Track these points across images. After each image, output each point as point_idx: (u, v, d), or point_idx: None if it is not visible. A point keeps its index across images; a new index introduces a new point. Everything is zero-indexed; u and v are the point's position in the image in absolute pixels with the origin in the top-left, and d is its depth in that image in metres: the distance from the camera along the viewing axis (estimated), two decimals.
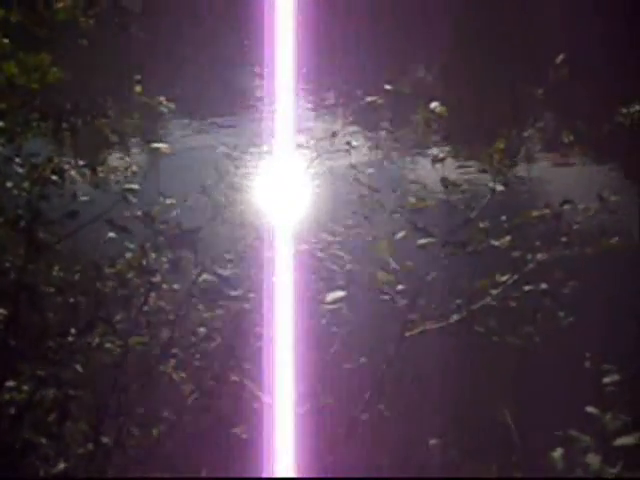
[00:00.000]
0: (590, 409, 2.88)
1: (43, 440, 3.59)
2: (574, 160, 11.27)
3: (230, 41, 17.75)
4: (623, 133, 4.40)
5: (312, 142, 4.86)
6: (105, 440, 3.79)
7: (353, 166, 4.78)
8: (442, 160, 4.20)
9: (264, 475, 3.49)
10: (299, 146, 4.64)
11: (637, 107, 4.44)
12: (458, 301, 4.06)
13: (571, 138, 4.28)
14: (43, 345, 3.76)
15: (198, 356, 3.95)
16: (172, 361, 3.94)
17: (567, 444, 2.81)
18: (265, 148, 4.79)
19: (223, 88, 14.98)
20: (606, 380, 3.22)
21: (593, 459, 2.73)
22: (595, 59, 14.20)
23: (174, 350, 3.93)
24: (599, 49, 15.32)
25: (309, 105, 13.18)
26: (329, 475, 3.89)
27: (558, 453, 2.79)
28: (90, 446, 3.76)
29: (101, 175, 4.16)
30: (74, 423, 3.77)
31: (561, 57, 4.15)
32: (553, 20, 17.94)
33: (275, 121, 4.18)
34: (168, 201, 4.09)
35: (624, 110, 4.38)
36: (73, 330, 3.79)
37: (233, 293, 3.90)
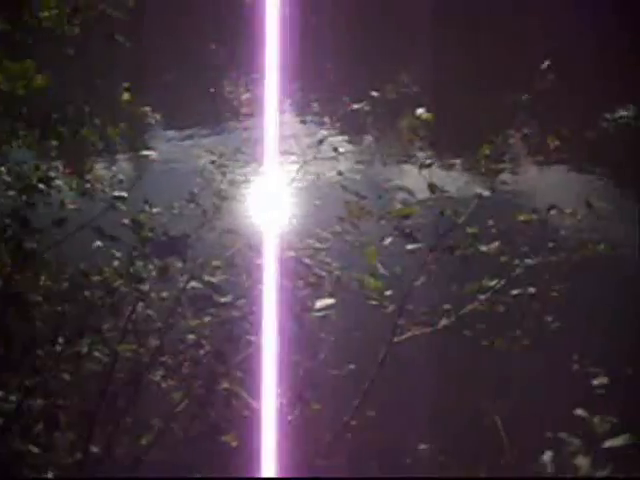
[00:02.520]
0: (579, 411, 2.89)
1: (32, 450, 3.57)
2: (560, 166, 11.32)
3: (216, 49, 17.74)
4: (608, 139, 4.43)
5: (299, 149, 4.87)
6: (94, 449, 3.78)
7: (340, 173, 4.79)
8: (429, 166, 4.21)
9: None
10: (286, 153, 4.65)
11: (621, 113, 4.46)
12: (446, 306, 4.07)
13: (556, 143, 4.30)
14: (31, 354, 3.74)
15: (187, 364, 3.93)
16: (161, 369, 3.93)
17: (556, 447, 2.82)
18: (251, 156, 4.79)
19: (209, 96, 14.97)
20: (594, 383, 3.23)
21: (582, 461, 2.74)
22: (580, 66, 14.29)
23: (163, 358, 3.92)
24: (584, 56, 15.42)
25: (295, 112, 13.19)
26: None
27: (547, 456, 2.80)
28: (79, 455, 3.74)
29: (88, 183, 4.15)
30: (63, 432, 3.75)
31: (546, 63, 4.18)
32: (538, 26, 18.05)
33: (261, 128, 4.17)
34: (155, 209, 4.08)
35: (608, 116, 4.41)
36: (61, 339, 3.77)
37: (222, 300, 3.89)
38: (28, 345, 3.72)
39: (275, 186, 4.20)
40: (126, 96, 4.08)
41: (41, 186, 3.89)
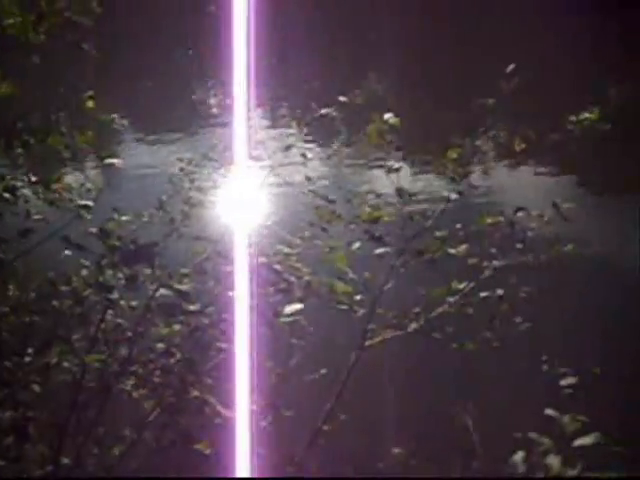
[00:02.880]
0: (549, 411, 2.91)
1: (1, 463, 3.53)
2: (527, 168, 11.43)
3: (184, 56, 17.69)
4: (574, 141, 4.47)
5: (267, 155, 4.87)
6: (65, 461, 3.74)
7: (308, 178, 4.78)
8: (397, 170, 4.23)
9: None
10: (254, 159, 4.64)
11: (586, 115, 4.50)
12: (416, 309, 4.09)
13: (522, 146, 4.33)
14: None
15: (158, 372, 3.91)
16: (131, 378, 3.90)
17: (527, 447, 2.84)
18: (220, 162, 4.78)
19: (177, 102, 14.92)
20: (563, 383, 3.26)
21: (553, 460, 2.76)
22: (545, 68, 14.43)
23: (133, 367, 3.89)
24: (549, 59, 15.58)
25: (264, 118, 13.18)
26: None
27: (519, 456, 2.82)
28: (50, 467, 3.70)
29: (55, 192, 4.11)
30: (33, 445, 3.71)
31: (512, 67, 4.21)
32: (504, 31, 18.20)
33: (230, 134, 4.17)
34: (124, 217, 4.05)
35: (573, 118, 4.44)
36: (30, 350, 3.73)
37: (191, 308, 3.87)
38: None
39: (244, 192, 4.19)
40: (90, 104, 4.05)
41: (7, 196, 3.85)
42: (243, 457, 3.43)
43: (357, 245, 4.05)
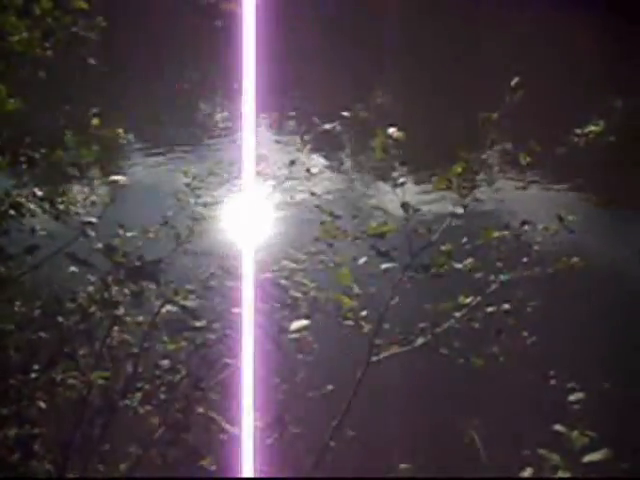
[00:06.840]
0: (557, 427, 2.90)
1: None
2: (533, 181, 11.41)
3: (190, 71, 17.75)
4: (579, 154, 4.46)
5: (273, 170, 4.88)
6: (70, 477, 3.72)
7: (312, 193, 4.78)
8: (402, 185, 4.22)
9: None
10: (260, 175, 4.65)
11: (591, 127, 4.49)
12: (422, 324, 4.07)
13: (528, 160, 4.33)
14: (5, 383, 3.69)
15: (163, 389, 3.90)
16: (137, 395, 3.89)
17: (536, 463, 2.82)
18: (226, 177, 4.78)
19: (183, 118, 14.96)
20: (571, 398, 3.24)
21: (563, 476, 2.74)
22: (550, 82, 14.45)
23: (139, 383, 3.88)
24: (553, 72, 15.60)
25: (269, 133, 13.20)
26: None
27: (528, 472, 2.80)
28: None
29: (61, 207, 4.11)
30: (39, 461, 3.70)
31: (516, 80, 4.20)
32: (508, 45, 18.24)
33: (235, 150, 4.17)
34: (129, 233, 4.05)
35: (578, 131, 4.43)
36: (36, 366, 3.73)
37: (197, 324, 3.86)
38: (2, 374, 3.68)
39: (249, 207, 4.19)
40: (95, 121, 4.06)
41: (12, 212, 3.85)
42: (249, 474, 3.41)
43: (363, 260, 4.04)
